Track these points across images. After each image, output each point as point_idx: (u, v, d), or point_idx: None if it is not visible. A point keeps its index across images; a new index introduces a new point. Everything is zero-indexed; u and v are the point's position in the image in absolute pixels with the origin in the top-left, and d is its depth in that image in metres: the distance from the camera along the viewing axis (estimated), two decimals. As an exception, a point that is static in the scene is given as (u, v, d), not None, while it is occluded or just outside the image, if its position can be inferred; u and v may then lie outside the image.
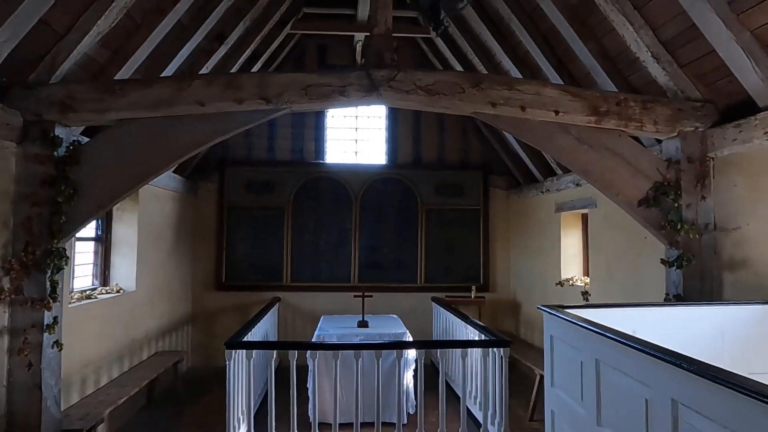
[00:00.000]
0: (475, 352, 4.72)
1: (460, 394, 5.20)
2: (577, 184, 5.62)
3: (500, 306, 7.59)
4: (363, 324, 5.41)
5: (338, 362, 4.19)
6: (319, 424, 4.77)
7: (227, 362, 4.13)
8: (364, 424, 4.54)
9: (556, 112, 3.59)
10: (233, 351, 4.15)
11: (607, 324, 2.13)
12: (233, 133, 3.71)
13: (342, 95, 3.48)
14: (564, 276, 5.99)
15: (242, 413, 4.36)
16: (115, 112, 3.37)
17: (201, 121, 3.46)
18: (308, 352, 4.17)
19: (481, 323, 5.17)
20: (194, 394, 5.82)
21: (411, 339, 5.18)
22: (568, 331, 2.39)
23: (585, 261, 6.05)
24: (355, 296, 5.54)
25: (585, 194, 5.49)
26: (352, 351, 4.21)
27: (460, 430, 4.28)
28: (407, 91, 3.51)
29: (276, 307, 7.17)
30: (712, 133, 3.62)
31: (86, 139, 3.65)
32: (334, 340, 5.04)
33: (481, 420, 4.53)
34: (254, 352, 4.26)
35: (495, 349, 4.39)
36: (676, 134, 3.68)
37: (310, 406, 4.86)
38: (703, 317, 2.72)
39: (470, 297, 7.21)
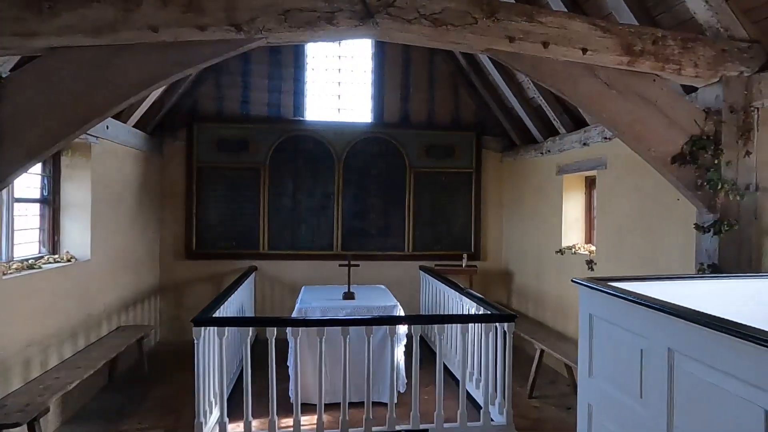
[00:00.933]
0: (475, 328, 4.29)
1: (456, 373, 4.80)
2: (584, 144, 5.13)
3: (491, 276, 7.18)
4: (349, 295, 4.91)
5: (323, 340, 3.69)
6: (302, 405, 4.34)
7: (195, 341, 3.60)
8: (352, 404, 4.11)
9: (584, 51, 3.04)
10: (202, 329, 3.61)
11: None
12: (195, 69, 3.08)
13: (329, 23, 2.85)
14: (565, 243, 5.57)
15: (214, 396, 3.86)
16: (43, 37, 2.68)
17: (155, 52, 2.80)
18: (289, 329, 3.65)
19: (478, 295, 4.72)
20: (162, 373, 5.28)
21: (402, 312, 4.71)
22: (619, 310, 1.91)
23: (588, 227, 5.62)
24: (340, 265, 5.02)
25: (593, 155, 5.01)
26: (339, 327, 3.70)
27: (459, 412, 3.87)
28: (409, 20, 2.90)
29: (252, 276, 6.61)
30: (759, 79, 3.13)
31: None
32: (318, 315, 4.53)
33: (480, 401, 4.13)
34: (227, 329, 3.72)
35: (498, 325, 3.95)
36: (717, 79, 3.18)
37: (291, 386, 4.40)
38: None
39: (461, 266, 6.77)
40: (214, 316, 3.89)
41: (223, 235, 6.76)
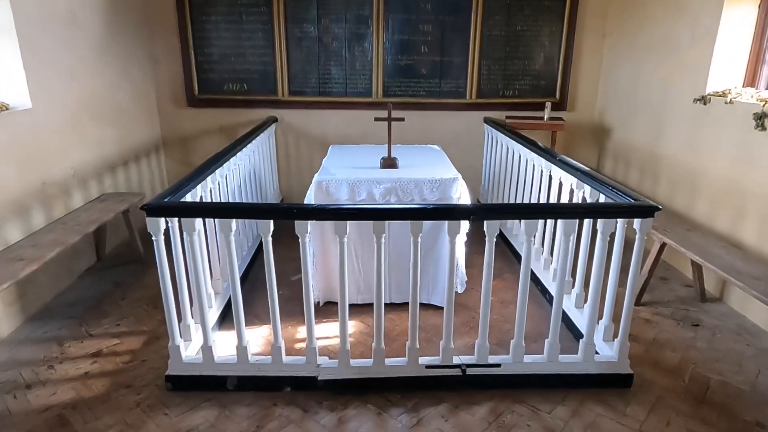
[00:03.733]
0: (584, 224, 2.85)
1: (547, 285, 3.52)
2: None
3: (578, 131, 5.48)
4: (389, 162, 3.48)
5: (347, 239, 2.37)
6: (324, 304, 3.30)
7: (154, 240, 2.37)
8: (392, 307, 2.97)
9: None
10: (162, 220, 2.35)
11: None
12: None
13: None
14: (712, 87, 3.74)
15: (194, 312, 2.76)
16: None
17: None
18: (296, 222, 2.33)
19: (579, 164, 3.17)
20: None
21: (464, 186, 3.28)
22: None
23: (755, 63, 3.70)
24: (377, 119, 3.50)
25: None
26: (372, 222, 2.34)
27: (548, 340, 2.62)
28: None
29: (272, 130, 5.25)
30: None
31: None
32: (344, 194, 3.18)
33: (581, 327, 2.87)
34: (197, 222, 2.46)
35: (621, 220, 2.48)
36: None
37: (310, 283, 3.32)
38: None
39: (542, 118, 5.08)
40: (180, 201, 2.60)
41: (231, 76, 5.24)
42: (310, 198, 3.21)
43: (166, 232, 2.42)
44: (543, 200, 3.75)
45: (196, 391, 2.57)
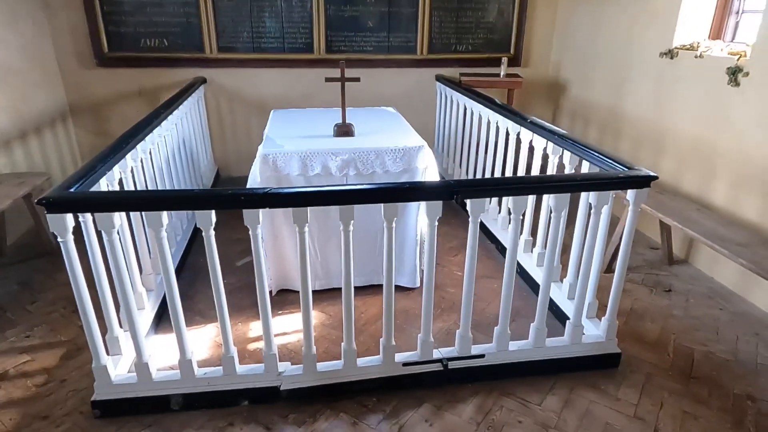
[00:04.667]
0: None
1: (527, 267, 3.29)
2: None
3: (532, 89, 5.23)
4: (345, 130, 3.05)
5: (308, 224, 1.97)
6: (278, 292, 2.94)
7: (60, 241, 1.86)
8: (357, 290, 2.65)
9: None
10: (67, 216, 1.83)
11: None
12: None
13: None
14: (679, 41, 3.55)
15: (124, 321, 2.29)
16: None
17: None
18: (245, 212, 1.89)
19: (555, 128, 2.90)
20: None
21: (430, 154, 2.92)
22: None
23: (721, 16, 3.53)
24: (328, 80, 3.02)
25: None
26: (337, 207, 1.95)
27: (534, 324, 2.40)
28: None
29: (200, 92, 4.61)
30: None
31: None
32: (295, 169, 2.74)
33: (565, 309, 2.68)
34: (115, 216, 1.96)
35: (613, 192, 2.24)
36: None
37: (265, 283, 2.93)
38: None
39: (498, 75, 4.77)
40: (91, 192, 2.08)
41: (148, 30, 4.50)
42: (255, 175, 2.75)
43: (78, 229, 1.91)
44: (512, 165, 3.48)
45: (132, 416, 2.13)
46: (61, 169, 4.39)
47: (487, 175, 3.78)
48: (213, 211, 1.91)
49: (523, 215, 3.07)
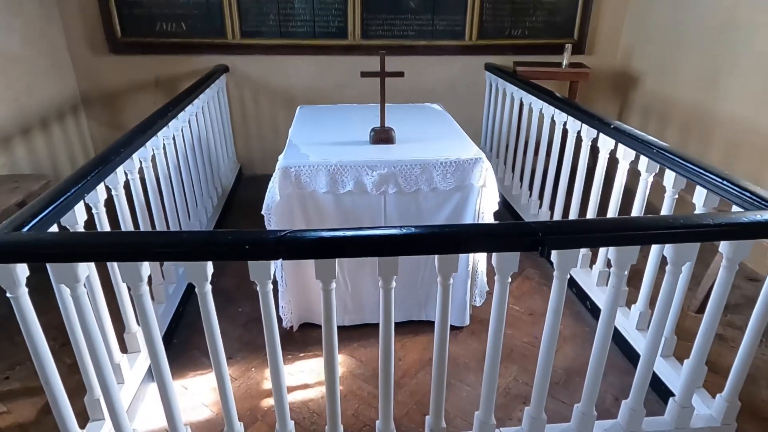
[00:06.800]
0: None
1: (587, 288, 2.69)
2: None
3: (597, 81, 4.54)
4: (384, 136, 2.50)
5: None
6: (299, 327, 2.47)
7: (9, 297, 1.41)
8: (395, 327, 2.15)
9: None
10: (15, 267, 1.37)
11: None
12: None
13: None
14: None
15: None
16: None
17: None
18: (251, 264, 1.39)
19: (640, 134, 2.29)
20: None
21: (489, 170, 2.35)
22: None
23: None
24: (363, 75, 2.47)
25: None
26: (376, 258, 1.43)
27: (627, 403, 1.83)
28: None
29: (222, 82, 4.13)
30: None
31: None
32: (322, 186, 2.22)
33: (669, 383, 2.10)
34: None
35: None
36: None
37: (282, 304, 2.47)
38: None
39: (560, 65, 4.11)
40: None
41: (164, 12, 4.03)
42: (274, 192, 2.24)
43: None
44: (582, 179, 2.87)
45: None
46: (72, 168, 4.00)
47: (540, 179, 3.17)
48: (209, 264, 1.41)
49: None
